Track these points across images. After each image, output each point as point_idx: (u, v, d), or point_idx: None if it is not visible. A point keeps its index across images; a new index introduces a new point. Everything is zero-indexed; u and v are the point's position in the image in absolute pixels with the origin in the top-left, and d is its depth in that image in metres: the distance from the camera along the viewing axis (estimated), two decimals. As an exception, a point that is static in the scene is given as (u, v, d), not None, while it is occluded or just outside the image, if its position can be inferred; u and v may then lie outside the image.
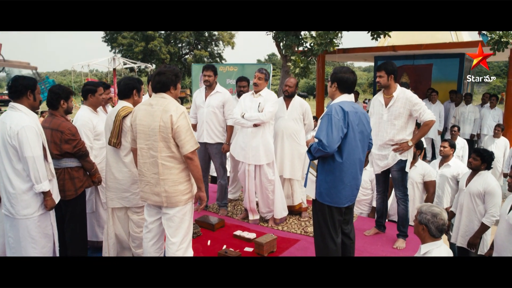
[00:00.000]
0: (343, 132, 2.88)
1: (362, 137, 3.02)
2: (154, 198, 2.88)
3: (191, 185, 2.95)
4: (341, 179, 2.96)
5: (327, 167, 2.97)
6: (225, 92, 4.91)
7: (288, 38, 7.06)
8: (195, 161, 2.81)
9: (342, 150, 2.92)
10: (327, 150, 2.82)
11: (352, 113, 2.92)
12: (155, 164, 2.81)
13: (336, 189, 2.97)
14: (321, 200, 3.03)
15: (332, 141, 2.82)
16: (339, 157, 2.93)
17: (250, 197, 4.65)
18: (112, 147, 3.35)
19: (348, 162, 2.95)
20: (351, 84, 3.03)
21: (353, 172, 2.99)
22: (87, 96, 3.83)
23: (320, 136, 2.85)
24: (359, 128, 2.98)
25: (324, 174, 2.99)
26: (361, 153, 3.03)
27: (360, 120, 2.99)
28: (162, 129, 2.74)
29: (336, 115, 2.87)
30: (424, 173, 4.67)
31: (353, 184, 3.02)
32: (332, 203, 3.00)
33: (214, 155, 4.94)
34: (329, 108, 2.93)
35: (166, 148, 2.78)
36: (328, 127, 2.85)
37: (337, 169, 2.94)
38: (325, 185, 2.99)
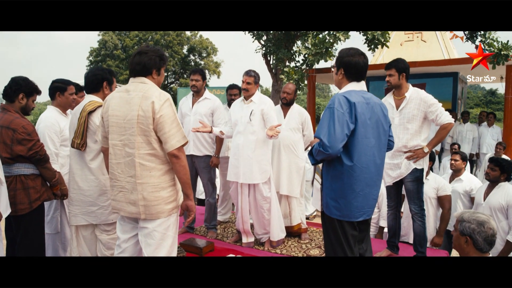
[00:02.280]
0: (349, 128, 2.35)
1: (377, 133, 2.50)
2: (129, 209, 2.29)
3: (177, 192, 2.38)
4: (350, 186, 2.41)
5: (334, 172, 2.44)
6: (215, 99, 4.41)
7: (280, 51, 6.70)
8: (182, 160, 2.26)
9: (350, 151, 2.40)
10: (329, 152, 2.29)
11: (361, 105, 2.41)
12: (131, 164, 2.24)
13: (345, 199, 2.42)
14: (328, 212, 2.48)
15: (334, 140, 2.29)
16: (348, 159, 2.40)
17: (244, 217, 4.06)
18: (75, 150, 2.78)
19: (359, 165, 2.41)
20: (360, 69, 2.51)
21: (366, 178, 2.45)
22: (54, 95, 3.27)
23: (320, 135, 2.33)
24: (373, 122, 2.47)
25: (330, 181, 2.46)
26: (376, 153, 2.50)
27: (373, 113, 2.48)
28: (141, 120, 2.20)
29: (339, 108, 2.35)
30: (438, 187, 4.18)
31: (367, 192, 2.47)
32: (342, 217, 2.44)
33: (202, 170, 4.37)
34: (332, 100, 2.42)
35: (145, 144, 2.23)
36: (330, 123, 2.33)
37: (345, 174, 2.40)
38: (332, 195, 2.45)
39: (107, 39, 32.53)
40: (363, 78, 2.56)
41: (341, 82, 2.57)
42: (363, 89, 2.53)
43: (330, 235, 2.50)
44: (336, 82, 2.63)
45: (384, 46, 6.24)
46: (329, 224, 2.50)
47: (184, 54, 33.82)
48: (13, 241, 2.79)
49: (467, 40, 7.24)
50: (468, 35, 7.18)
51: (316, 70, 9.39)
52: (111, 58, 32.28)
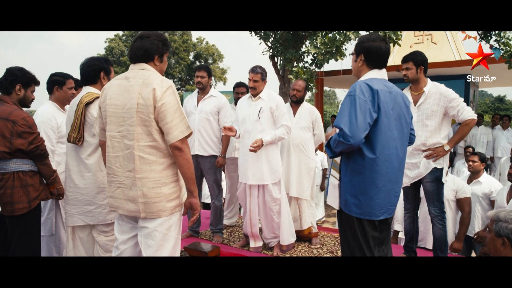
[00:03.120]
0: (371, 117, 2.15)
1: (400, 125, 2.29)
2: (128, 206, 2.09)
3: (180, 188, 2.18)
4: (372, 181, 2.20)
5: (354, 166, 2.23)
6: (221, 97, 4.22)
7: (288, 51, 6.52)
8: (185, 153, 2.06)
9: (373, 142, 2.19)
10: (351, 142, 2.08)
11: (384, 93, 2.21)
12: (130, 157, 2.05)
13: (366, 195, 2.21)
14: (347, 210, 2.26)
15: (356, 129, 2.09)
16: (370, 152, 2.19)
17: (252, 220, 3.85)
18: (72, 145, 2.59)
19: (382, 158, 2.20)
20: (383, 55, 2.31)
21: (389, 172, 2.24)
22: (52, 89, 3.10)
23: (341, 124, 2.12)
24: (395, 112, 2.26)
25: (350, 175, 2.24)
26: (399, 146, 2.29)
27: (395, 103, 2.28)
28: (141, 109, 2.01)
29: (361, 95, 2.15)
30: (457, 189, 3.95)
31: (389, 188, 2.26)
32: (362, 215, 2.23)
33: (207, 171, 4.17)
34: (352, 87, 2.22)
35: (146, 135, 2.04)
36: (351, 112, 2.12)
37: (367, 168, 2.19)
38: (352, 190, 2.24)
39: (114, 46, 32.64)
40: (384, 66, 2.36)
41: (360, 70, 2.37)
42: (384, 77, 2.34)
43: (347, 235, 2.29)
44: (355, 71, 2.43)
45: (396, 44, 6.04)
46: (347, 223, 2.28)
47: (190, 60, 33.84)
48: (5, 243, 2.60)
49: (481, 40, 7.01)
50: (481, 34, 6.94)
51: (325, 72, 9.19)
52: (118, 64, 32.34)
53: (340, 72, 8.98)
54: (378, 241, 2.34)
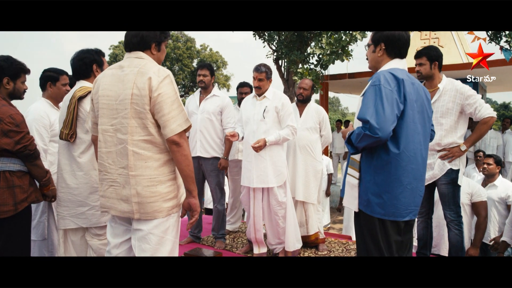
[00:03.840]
0: (399, 108, 1.98)
1: (423, 119, 2.13)
2: (121, 206, 1.92)
3: (178, 187, 2.00)
4: (398, 178, 2.02)
5: (377, 162, 2.04)
6: (224, 96, 4.06)
7: (293, 53, 6.37)
8: (183, 149, 1.88)
9: (398, 136, 2.01)
10: (379, 135, 1.90)
11: (408, 83, 2.05)
12: (123, 153, 1.88)
13: (390, 193, 2.03)
14: (369, 211, 2.07)
15: (384, 121, 1.91)
16: (395, 147, 2.01)
17: (256, 225, 3.66)
18: (64, 143, 2.43)
19: (407, 154, 2.03)
20: (405, 43, 2.16)
21: (414, 169, 2.06)
22: (45, 85, 2.94)
23: (366, 116, 1.94)
24: (418, 105, 2.10)
25: (373, 172, 2.06)
26: (422, 142, 2.12)
27: (418, 95, 2.12)
28: (135, 100, 1.84)
29: (387, 85, 1.98)
30: (472, 192, 3.75)
31: (414, 186, 2.08)
32: (386, 215, 2.04)
33: (210, 173, 3.99)
34: (375, 77, 2.06)
35: (140, 129, 1.87)
36: (377, 102, 1.95)
37: (392, 164, 2.01)
38: (375, 189, 2.05)
39: (118, 53, 32.69)
40: (405, 55, 2.20)
41: (380, 60, 2.20)
42: (406, 68, 2.18)
43: (366, 240, 2.09)
44: (373, 62, 2.26)
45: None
46: (367, 226, 2.09)
47: (194, 67, 33.81)
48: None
49: (491, 41, 6.84)
50: (491, 36, 6.77)
51: (330, 76, 9.04)
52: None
53: (346, 76, 8.82)
54: (400, 246, 2.15)
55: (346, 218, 5.47)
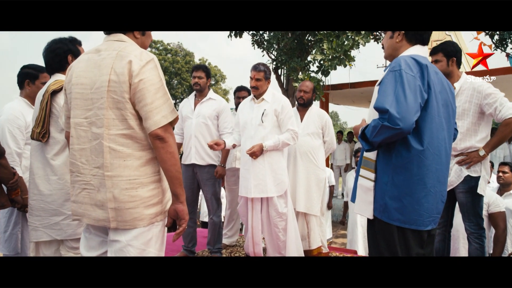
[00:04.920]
0: (422, 97, 1.72)
1: (447, 113, 1.87)
2: (95, 213, 1.63)
3: (163, 191, 1.71)
4: (421, 179, 1.74)
5: (397, 160, 1.76)
6: (221, 100, 3.80)
7: (293, 60, 6.16)
8: (169, 145, 1.60)
9: (421, 130, 1.75)
10: (400, 126, 1.63)
11: (432, 71, 1.80)
12: (98, 150, 1.60)
13: (412, 197, 1.75)
14: (386, 218, 1.78)
15: (407, 110, 1.64)
16: (417, 142, 1.74)
17: (255, 238, 3.37)
18: (36, 144, 2.15)
19: (432, 151, 1.76)
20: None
21: (438, 170, 1.79)
22: (23, 83, 2.67)
23: (385, 104, 1.67)
24: (443, 98, 1.84)
25: (391, 173, 1.78)
26: (447, 139, 1.85)
27: (442, 86, 1.86)
28: (113, 87, 1.57)
29: (408, 70, 1.72)
30: (488, 202, 3.46)
31: (438, 190, 1.80)
32: (407, 223, 1.75)
33: (205, 182, 3.70)
34: (395, 62, 1.79)
35: (118, 121, 1.59)
36: (397, 89, 1.68)
37: (414, 162, 1.74)
38: (394, 192, 1.77)
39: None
40: (427, 42, 1.95)
41: (398, 47, 1.95)
42: (427, 56, 1.92)
43: (382, 251, 1.80)
44: (390, 49, 2.00)
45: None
46: (384, 235, 1.80)
47: (192, 81, 33.77)
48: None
49: (496, 49, 6.64)
50: (497, 42, 6.56)
51: (331, 86, 8.82)
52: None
53: (347, 85, 8.60)
54: None
55: (350, 232, 5.18)
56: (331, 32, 5.83)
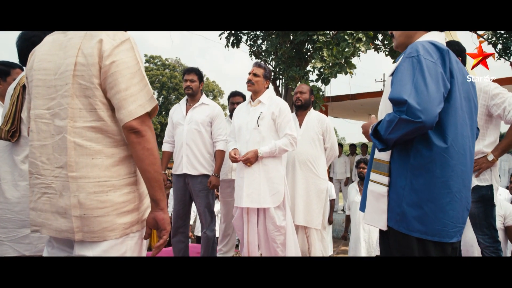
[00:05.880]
0: (445, 86, 1.48)
1: (469, 108, 1.63)
2: (57, 223, 1.36)
3: (140, 196, 1.45)
4: (445, 182, 1.49)
5: (416, 161, 1.51)
6: (214, 105, 3.56)
7: (291, 69, 5.98)
8: (146, 140, 1.35)
9: (444, 125, 1.50)
10: (421, 119, 1.38)
11: (453, 58, 1.57)
12: (61, 146, 1.34)
13: (435, 203, 1.49)
14: (404, 228, 1.52)
15: (428, 100, 1.40)
16: (440, 139, 1.49)
17: (251, 253, 3.09)
18: (4, 145, 1.91)
19: (456, 149, 1.51)
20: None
21: (463, 172, 1.53)
22: (-6, 80, 2.44)
23: (402, 94, 1.42)
24: (465, 90, 1.60)
25: (410, 175, 1.52)
26: (470, 138, 1.61)
27: (464, 77, 1.63)
28: (80, 71, 1.32)
29: (428, 56, 1.49)
30: (505, 214, 3.21)
31: (463, 196, 1.54)
32: (429, 234, 1.49)
33: (198, 194, 3.43)
34: (411, 47, 1.56)
35: (86, 111, 1.34)
36: (416, 77, 1.44)
37: (436, 162, 1.49)
38: (413, 197, 1.51)
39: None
40: (445, 29, 1.73)
41: (412, 34, 1.71)
42: (444, 43, 1.69)
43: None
44: (402, 37, 1.76)
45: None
46: (401, 248, 1.53)
47: (190, 96, 33.71)
48: None
49: (500, 58, 6.47)
50: (501, 51, 6.40)
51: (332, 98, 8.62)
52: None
53: (348, 97, 8.41)
54: None
55: (353, 248, 4.88)
56: (330, 40, 5.67)
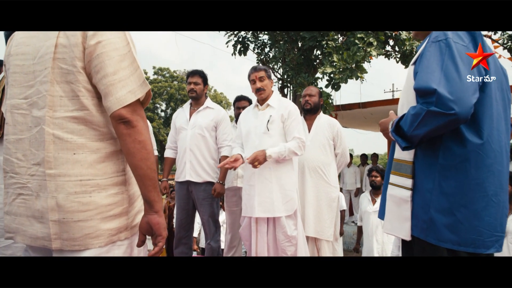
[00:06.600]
0: (480, 73, 1.32)
1: (503, 101, 1.44)
2: (33, 229, 1.18)
3: (129, 198, 1.27)
4: (480, 184, 1.29)
5: (446, 160, 1.32)
6: (219, 109, 3.40)
7: (300, 76, 5.82)
8: (138, 131, 1.17)
9: (478, 118, 1.31)
10: (455, 110, 1.19)
11: (486, 44, 1.40)
12: (39, 140, 1.17)
13: (469, 208, 1.29)
14: (432, 238, 1.32)
15: (462, 89, 1.22)
16: (474, 134, 1.31)
17: (258, 266, 2.87)
18: None
19: (493, 146, 1.32)
20: None
21: (500, 172, 1.34)
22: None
23: (430, 82, 1.24)
24: (498, 80, 1.43)
25: (438, 177, 1.33)
26: (505, 133, 1.41)
27: (496, 66, 1.45)
28: (61, 53, 1.16)
29: (458, 39, 1.32)
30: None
31: (501, 199, 1.34)
32: (462, 244, 1.29)
33: (201, 202, 3.25)
34: (437, 32, 1.38)
35: (68, 99, 1.17)
36: (446, 62, 1.27)
37: (471, 161, 1.29)
38: (443, 202, 1.31)
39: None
40: None
41: None
42: None
43: None
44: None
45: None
46: None
47: (198, 108, 33.69)
48: None
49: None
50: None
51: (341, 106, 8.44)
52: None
53: (357, 105, 8.21)
54: None
55: (365, 261, 4.65)
56: (340, 45, 5.52)
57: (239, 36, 7.78)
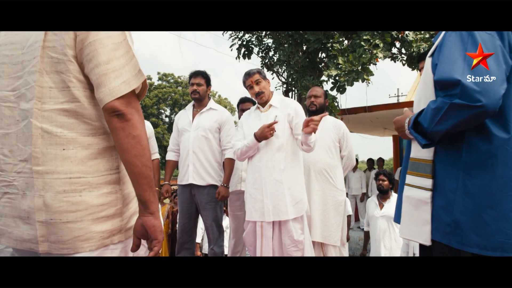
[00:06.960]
0: (507, 63, 1.22)
1: None
2: (18, 231, 1.09)
3: (123, 198, 1.17)
4: (508, 182, 1.19)
5: (470, 157, 1.23)
6: (223, 110, 3.32)
7: (305, 78, 5.74)
8: (132, 125, 1.08)
9: (505, 110, 1.22)
10: (482, 102, 1.10)
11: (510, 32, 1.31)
12: (26, 134, 1.09)
13: (496, 209, 1.19)
14: (457, 243, 1.21)
15: (489, 81, 1.14)
16: (501, 129, 1.21)
17: (262, 272, 2.77)
18: None
19: None
20: None
21: None
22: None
23: (453, 73, 1.16)
24: None
25: (462, 176, 1.23)
26: None
27: None
28: (51, 41, 1.07)
29: None
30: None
31: None
32: (489, 249, 1.18)
33: (205, 206, 3.16)
34: None
35: (58, 91, 1.08)
36: (470, 51, 1.20)
37: (498, 158, 1.20)
38: (467, 203, 1.21)
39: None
40: None
41: None
42: None
43: None
44: None
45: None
46: None
47: (202, 113, 33.71)
48: None
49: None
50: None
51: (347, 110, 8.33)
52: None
53: (363, 109, 8.09)
54: None
55: (373, 267, 4.54)
56: (345, 48, 5.44)
57: (243, 40, 7.72)
